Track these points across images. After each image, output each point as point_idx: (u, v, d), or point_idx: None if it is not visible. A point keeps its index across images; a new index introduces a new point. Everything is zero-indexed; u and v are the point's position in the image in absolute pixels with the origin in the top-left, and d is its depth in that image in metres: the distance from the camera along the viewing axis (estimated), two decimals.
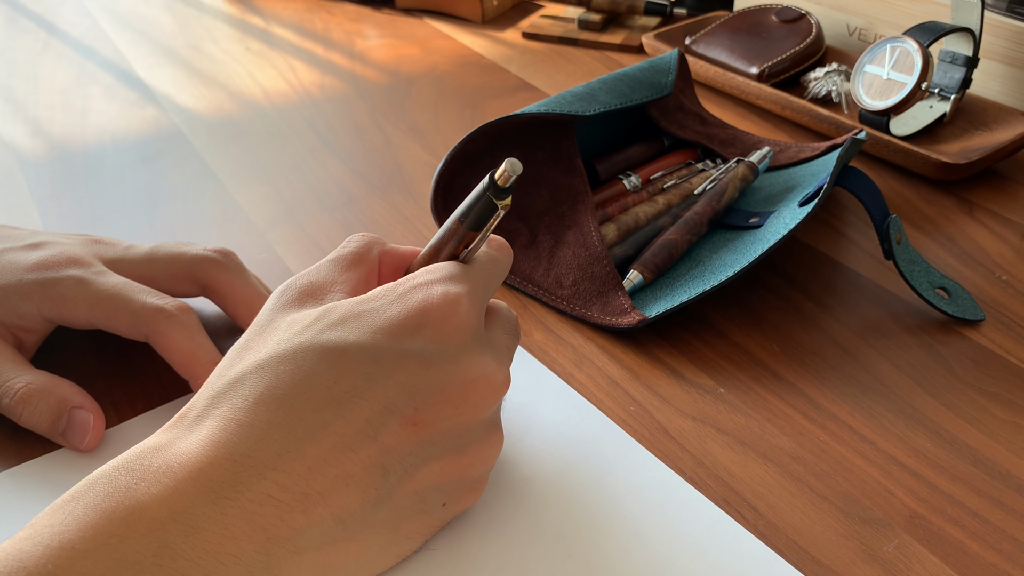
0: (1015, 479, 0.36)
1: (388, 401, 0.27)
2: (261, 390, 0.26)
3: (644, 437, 0.37)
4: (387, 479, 0.27)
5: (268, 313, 0.30)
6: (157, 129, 0.63)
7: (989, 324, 0.44)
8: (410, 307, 0.28)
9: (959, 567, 0.32)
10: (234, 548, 0.24)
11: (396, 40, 0.81)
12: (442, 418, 0.28)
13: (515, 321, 0.34)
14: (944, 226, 0.53)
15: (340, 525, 0.26)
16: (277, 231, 0.51)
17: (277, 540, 0.25)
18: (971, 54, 0.61)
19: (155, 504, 0.24)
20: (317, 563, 0.26)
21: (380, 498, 0.27)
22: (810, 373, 0.41)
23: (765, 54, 0.69)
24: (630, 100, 0.52)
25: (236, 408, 0.26)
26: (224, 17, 0.86)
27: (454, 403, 0.28)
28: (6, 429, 0.36)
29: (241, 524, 0.24)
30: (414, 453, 0.28)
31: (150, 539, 0.23)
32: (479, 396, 0.29)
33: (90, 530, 0.23)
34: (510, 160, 0.28)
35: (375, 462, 0.27)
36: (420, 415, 0.28)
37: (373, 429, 0.27)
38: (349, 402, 0.27)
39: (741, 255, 0.44)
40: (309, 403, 0.26)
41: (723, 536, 0.33)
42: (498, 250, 0.33)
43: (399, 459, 0.28)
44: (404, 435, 0.27)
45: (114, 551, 0.23)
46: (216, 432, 0.26)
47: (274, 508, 0.25)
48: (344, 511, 0.26)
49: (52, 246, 0.38)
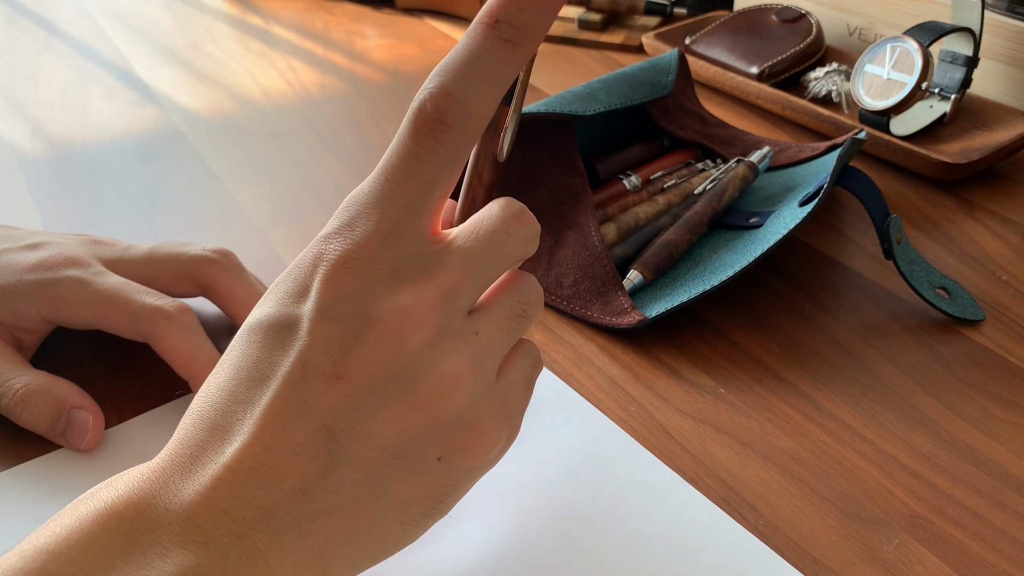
0: (1015, 479, 0.36)
1: (305, 363, 0.27)
2: (197, 404, 0.28)
3: (644, 437, 0.37)
4: (336, 440, 0.27)
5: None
6: (157, 129, 0.63)
7: (989, 324, 0.44)
8: (303, 266, 0.28)
9: (959, 567, 0.32)
10: (200, 535, 0.25)
11: (396, 40, 0.81)
12: (365, 363, 0.27)
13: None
14: (944, 226, 0.53)
15: (304, 497, 0.26)
16: (277, 231, 0.51)
17: (245, 521, 0.25)
18: (971, 54, 0.61)
19: (121, 504, 0.25)
20: (301, 546, 0.26)
21: (338, 462, 0.26)
22: (810, 373, 0.41)
23: (765, 54, 0.69)
24: (630, 100, 0.52)
25: (183, 427, 0.27)
26: (224, 17, 0.86)
27: (370, 345, 0.27)
28: (6, 429, 0.36)
29: (202, 512, 0.25)
30: (354, 407, 0.27)
31: (118, 535, 0.24)
32: (395, 330, 0.27)
33: (64, 533, 0.24)
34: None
35: (315, 426, 0.26)
36: (341, 367, 0.27)
37: (300, 394, 0.26)
38: (269, 376, 0.27)
39: (741, 255, 0.44)
40: (239, 389, 0.27)
41: (723, 536, 0.33)
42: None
43: (339, 417, 0.27)
44: (334, 392, 0.27)
45: (85, 551, 0.24)
46: (179, 435, 0.27)
47: (229, 490, 0.25)
48: (303, 481, 0.26)
49: (51, 246, 0.38)
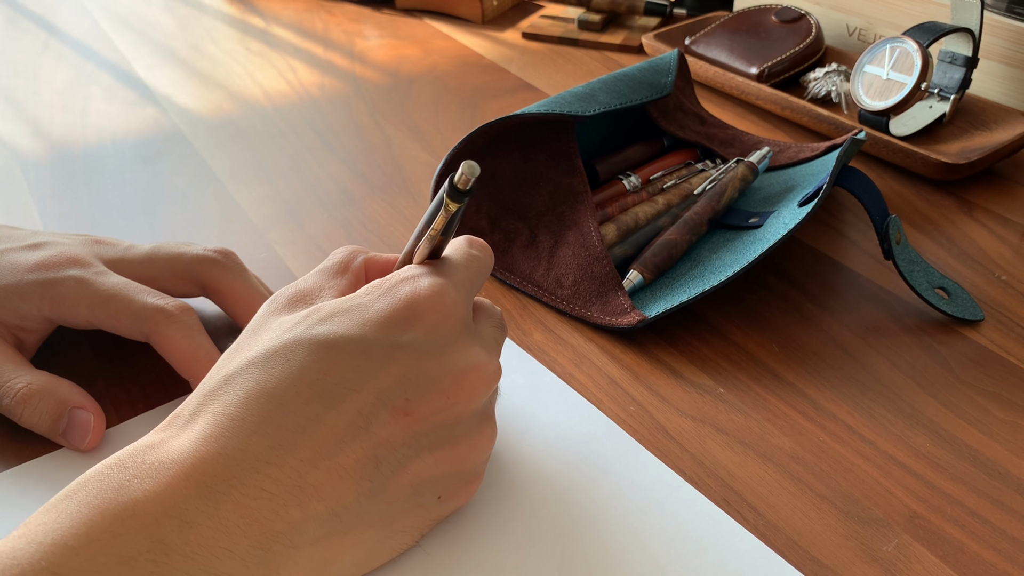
0: (1015, 479, 0.36)
1: (380, 392, 0.27)
2: (252, 386, 0.26)
3: (644, 437, 0.37)
4: (380, 471, 0.27)
5: (259, 318, 0.31)
6: (157, 129, 0.63)
7: (989, 324, 0.44)
8: (398, 299, 0.29)
9: (959, 567, 0.32)
10: (229, 543, 0.24)
11: (396, 40, 0.81)
12: (434, 409, 0.28)
13: (500, 315, 0.34)
14: (944, 226, 0.53)
15: (335, 518, 0.26)
16: (277, 231, 0.51)
17: (272, 534, 0.25)
18: (971, 54, 0.61)
19: (148, 500, 0.24)
20: (314, 558, 0.26)
21: (374, 490, 0.27)
22: (810, 373, 0.41)
23: (765, 54, 0.69)
24: (630, 100, 0.52)
25: (228, 404, 0.26)
26: (224, 17, 0.86)
27: (446, 393, 0.28)
28: (6, 429, 0.36)
29: (235, 519, 0.24)
30: (407, 445, 0.28)
31: (144, 535, 0.23)
32: (470, 386, 0.29)
33: (83, 527, 0.23)
34: (467, 163, 0.28)
35: (368, 454, 0.27)
36: (412, 406, 0.28)
37: (365, 421, 0.27)
38: (340, 394, 0.27)
39: (741, 255, 0.44)
40: (300, 397, 0.26)
41: (723, 536, 0.33)
42: (480, 249, 0.33)
43: (392, 451, 0.28)
44: (396, 427, 0.28)
45: (108, 547, 0.23)
46: (208, 428, 0.26)
47: (268, 502, 0.25)
48: (338, 504, 0.26)
49: (52, 246, 0.38)
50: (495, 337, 0.33)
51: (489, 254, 0.34)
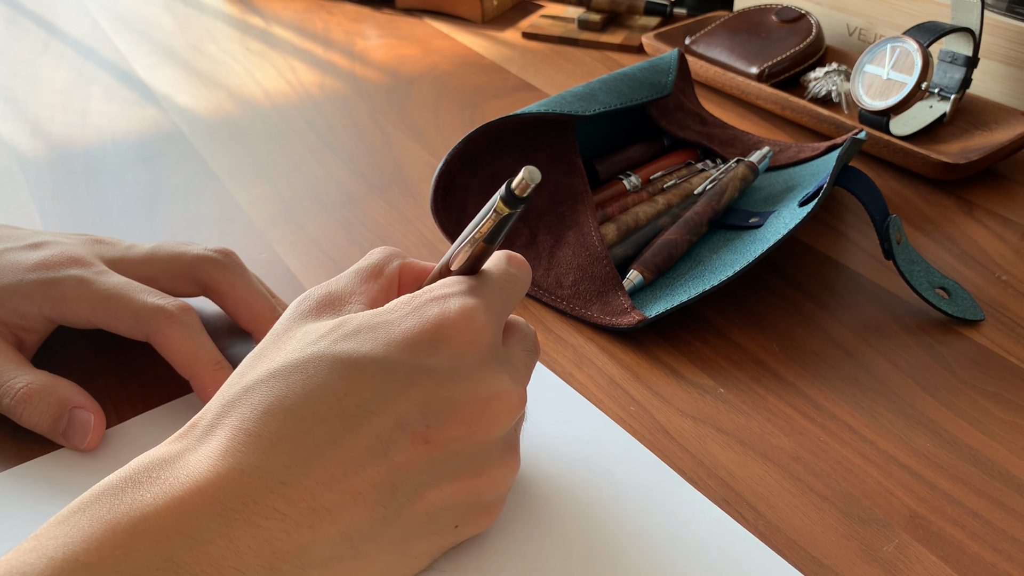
0: (1015, 479, 0.36)
1: (400, 417, 0.27)
2: (271, 400, 0.26)
3: (644, 437, 0.37)
4: (396, 497, 0.27)
5: (285, 322, 0.30)
6: (157, 129, 0.63)
7: (989, 324, 0.44)
8: (426, 320, 0.28)
9: (959, 567, 0.32)
10: (238, 562, 0.24)
11: (396, 40, 0.81)
12: (455, 437, 0.27)
13: (533, 337, 0.33)
14: (944, 226, 0.53)
15: (347, 542, 0.26)
16: (277, 231, 0.51)
17: (283, 555, 0.25)
18: (971, 54, 0.61)
19: (160, 517, 0.24)
20: None
21: (388, 516, 0.27)
22: (810, 373, 0.41)
23: (765, 54, 0.69)
24: (630, 100, 0.52)
25: (245, 418, 0.26)
26: (224, 17, 0.86)
27: (467, 421, 0.28)
28: (6, 429, 0.36)
29: (246, 539, 0.24)
30: (425, 472, 0.27)
31: (154, 552, 0.23)
32: (493, 415, 0.28)
33: (95, 542, 0.23)
34: (528, 168, 0.27)
35: (384, 479, 0.26)
36: (432, 433, 0.27)
37: (383, 445, 0.26)
38: (359, 416, 0.26)
39: (741, 255, 0.44)
40: (318, 416, 0.26)
41: (723, 536, 0.33)
42: (517, 267, 0.32)
43: (409, 477, 0.27)
44: (415, 453, 0.27)
45: (118, 564, 0.23)
46: (225, 443, 0.25)
47: (280, 523, 0.24)
48: (351, 528, 0.26)
49: (53, 246, 0.38)
50: (525, 362, 0.31)
51: (527, 273, 0.32)
